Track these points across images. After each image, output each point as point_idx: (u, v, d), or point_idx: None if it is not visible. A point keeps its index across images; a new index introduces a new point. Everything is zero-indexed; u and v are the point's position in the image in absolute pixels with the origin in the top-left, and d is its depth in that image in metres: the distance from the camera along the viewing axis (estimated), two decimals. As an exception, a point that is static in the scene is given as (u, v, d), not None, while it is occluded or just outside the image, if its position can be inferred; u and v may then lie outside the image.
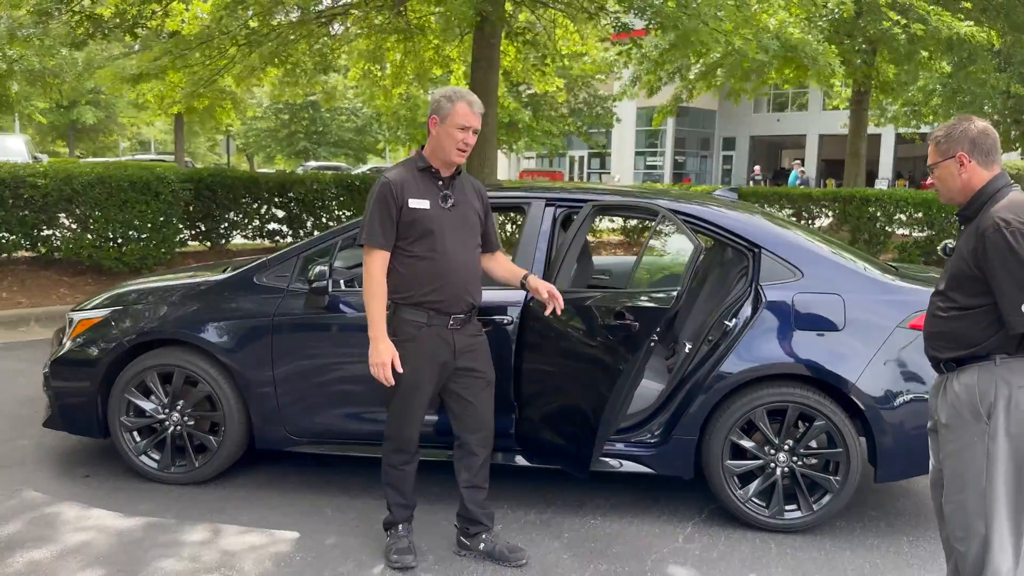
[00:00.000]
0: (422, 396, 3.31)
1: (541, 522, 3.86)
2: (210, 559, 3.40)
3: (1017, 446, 2.66)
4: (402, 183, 3.21)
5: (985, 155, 2.67)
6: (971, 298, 2.66)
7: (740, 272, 4.07)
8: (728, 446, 3.80)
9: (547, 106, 33.58)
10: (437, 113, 3.23)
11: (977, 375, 2.66)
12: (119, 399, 4.11)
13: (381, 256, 3.20)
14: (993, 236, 2.53)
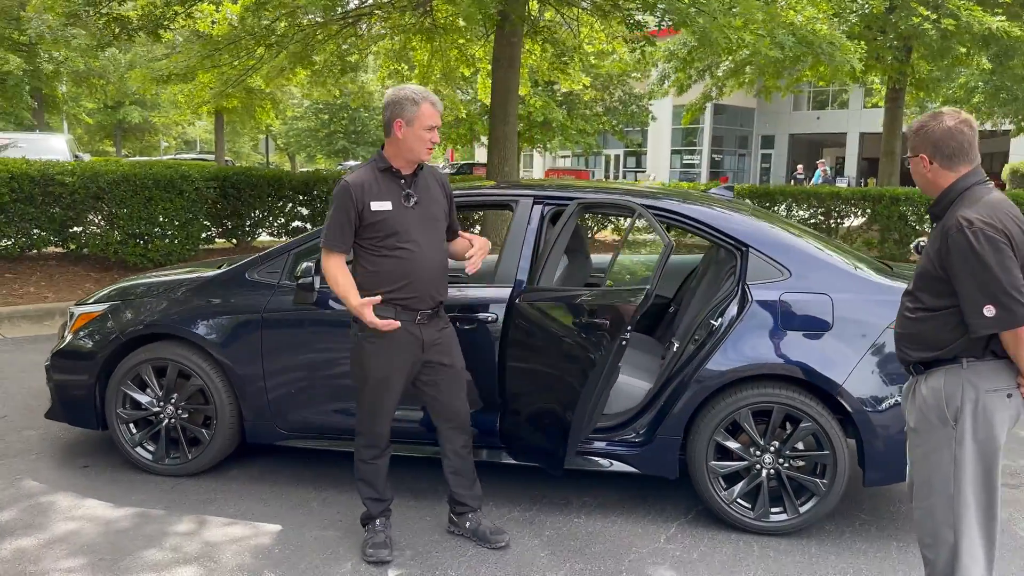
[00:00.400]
0: (392, 391, 3.36)
1: (524, 519, 3.86)
2: (191, 550, 3.46)
3: (984, 451, 2.60)
4: (362, 185, 3.24)
5: (947, 159, 2.60)
6: (937, 299, 2.60)
7: (729, 271, 4.03)
8: (712, 446, 3.77)
9: (581, 104, 33.53)
10: (401, 116, 3.23)
11: (944, 378, 2.61)
12: (116, 392, 4.20)
13: (337, 259, 3.27)
14: (956, 236, 2.47)
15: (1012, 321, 2.41)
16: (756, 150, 47.31)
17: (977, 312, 2.45)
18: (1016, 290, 2.40)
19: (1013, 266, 2.42)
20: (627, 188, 4.51)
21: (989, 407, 2.55)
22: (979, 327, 2.46)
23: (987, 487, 2.63)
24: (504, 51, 10.45)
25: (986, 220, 2.44)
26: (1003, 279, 2.39)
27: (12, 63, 23.31)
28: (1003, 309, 2.40)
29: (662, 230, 3.28)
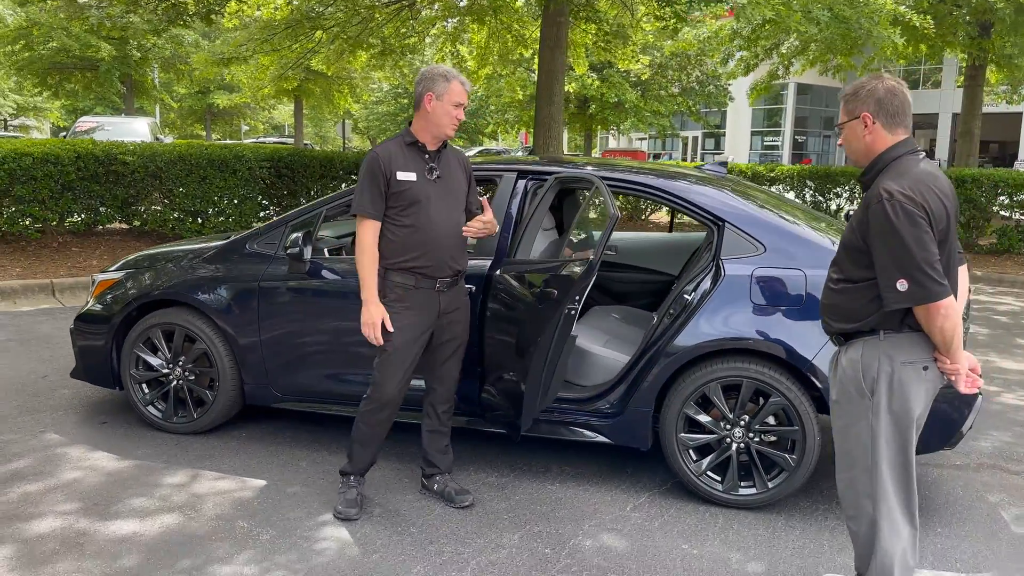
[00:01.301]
0: (408, 356, 3.50)
1: (498, 484, 3.98)
2: (178, 499, 3.71)
3: (899, 423, 2.60)
4: (390, 156, 3.43)
5: (891, 116, 2.55)
6: (858, 270, 2.58)
7: (707, 246, 4.04)
8: (683, 419, 3.81)
9: (656, 85, 33.08)
10: (432, 90, 3.43)
11: (862, 350, 2.61)
12: (130, 354, 4.50)
13: (372, 225, 3.43)
14: (876, 208, 2.44)
15: (923, 296, 2.38)
16: (842, 132, 45.75)
17: (890, 286, 2.43)
18: (929, 266, 2.37)
19: (929, 242, 2.38)
20: (610, 164, 4.54)
21: (904, 379, 2.54)
22: (892, 301, 2.44)
23: (903, 458, 2.63)
24: (551, 31, 10.49)
25: (907, 193, 2.39)
26: (917, 254, 2.36)
27: (103, 50, 24.52)
28: (915, 284, 2.38)
29: (612, 203, 3.33)
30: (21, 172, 8.70)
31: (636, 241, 5.59)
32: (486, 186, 4.40)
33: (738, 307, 3.74)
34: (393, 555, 3.28)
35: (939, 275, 2.38)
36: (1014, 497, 4.03)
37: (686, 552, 3.38)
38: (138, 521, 3.49)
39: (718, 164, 4.71)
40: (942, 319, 2.39)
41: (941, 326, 2.40)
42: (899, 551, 2.68)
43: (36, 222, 9.15)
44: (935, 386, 2.59)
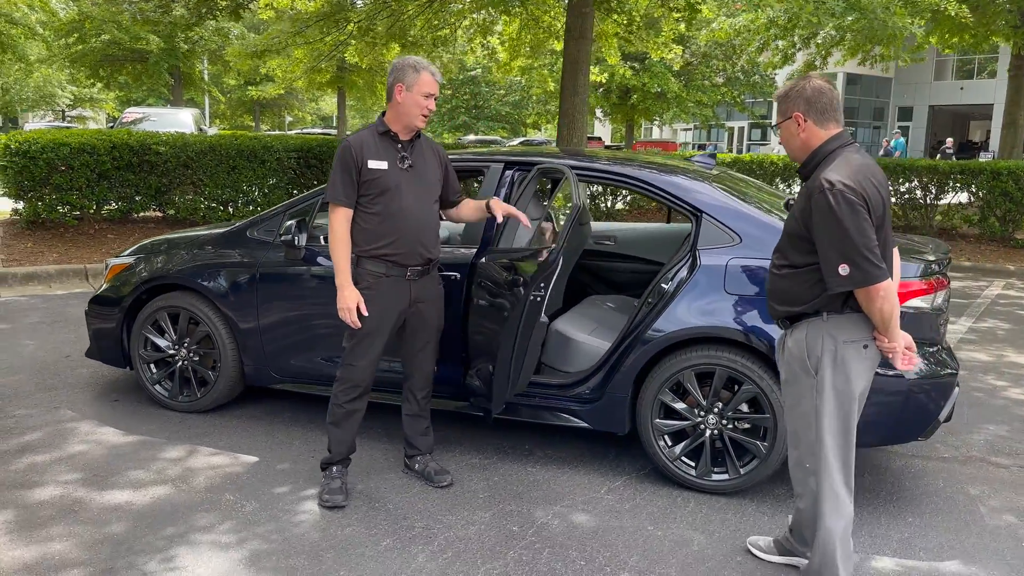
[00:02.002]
0: (378, 340, 3.60)
1: (481, 465, 4.11)
2: (172, 473, 3.91)
3: (842, 402, 2.71)
4: (361, 145, 3.51)
5: (820, 114, 2.70)
6: (802, 257, 2.71)
7: (687, 237, 4.11)
8: (658, 405, 3.89)
9: (699, 75, 32.78)
10: (402, 81, 3.50)
11: (807, 331, 2.74)
12: (138, 335, 4.73)
13: (344, 213, 3.51)
14: (818, 197, 2.57)
15: (863, 280, 2.53)
16: (892, 122, 44.86)
17: (833, 270, 2.56)
18: (869, 251, 2.51)
19: (868, 228, 2.53)
20: (595, 156, 4.62)
21: (846, 357, 2.68)
22: (834, 284, 2.58)
23: (844, 436, 2.75)
24: (575, 22, 10.54)
25: (846, 183, 2.53)
26: (857, 240, 2.50)
27: (152, 43, 25.18)
28: (856, 268, 2.52)
29: (577, 192, 3.41)
30: (59, 162, 9.06)
31: (634, 231, 5.66)
32: (474, 177, 4.50)
33: (712, 296, 3.80)
34: (365, 528, 3.43)
35: (878, 259, 2.53)
36: (996, 490, 4.03)
37: (650, 533, 3.47)
38: (132, 491, 3.70)
39: (707, 156, 4.76)
40: (881, 300, 2.55)
41: (880, 307, 2.56)
42: (840, 528, 2.79)
43: (74, 210, 9.53)
44: (874, 364, 2.75)
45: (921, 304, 3.70)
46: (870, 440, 3.76)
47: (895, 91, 43.94)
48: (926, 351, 3.74)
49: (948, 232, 12.77)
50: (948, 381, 3.75)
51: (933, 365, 3.72)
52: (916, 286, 3.68)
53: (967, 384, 5.75)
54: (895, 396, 3.65)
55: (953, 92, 42.10)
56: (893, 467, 4.28)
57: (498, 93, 46.33)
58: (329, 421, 3.73)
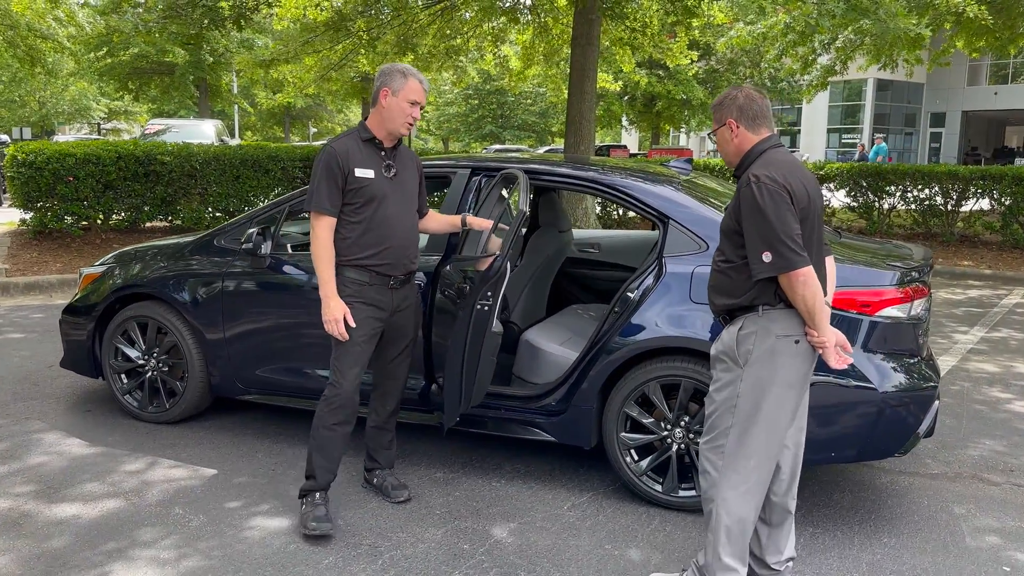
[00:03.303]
0: (366, 351, 3.45)
1: (444, 479, 4.00)
2: (128, 485, 3.85)
3: (762, 391, 2.74)
4: (347, 152, 3.36)
5: (751, 120, 2.81)
6: (736, 250, 2.77)
7: (654, 245, 3.97)
8: (623, 418, 3.75)
9: (725, 82, 32.46)
10: (389, 86, 3.37)
11: (742, 323, 2.77)
12: (109, 345, 4.69)
13: (328, 221, 3.35)
14: (744, 191, 2.67)
15: (784, 266, 2.59)
16: (925, 128, 44.07)
17: (757, 257, 2.65)
18: (789, 238, 2.58)
19: (790, 218, 2.60)
20: (559, 162, 4.49)
21: (777, 350, 2.71)
22: (758, 271, 2.64)
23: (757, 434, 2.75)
24: (582, 29, 10.43)
25: (771, 175, 2.63)
26: (778, 228, 2.58)
27: (178, 55, 25.54)
28: (777, 255, 2.59)
29: (525, 199, 3.30)
30: (64, 172, 9.13)
31: (618, 239, 5.52)
32: (440, 183, 4.40)
33: (677, 305, 3.66)
34: (310, 545, 3.32)
35: (798, 247, 2.58)
36: (983, 509, 3.82)
37: (607, 552, 3.33)
38: (81, 505, 3.64)
39: (683, 161, 4.61)
40: (801, 286, 2.60)
41: (802, 294, 2.60)
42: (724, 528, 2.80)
43: (80, 220, 9.59)
44: (808, 360, 2.76)
45: (897, 313, 3.53)
46: (846, 455, 3.59)
47: (927, 97, 43.15)
48: (905, 362, 3.56)
49: (970, 239, 12.43)
50: (928, 394, 3.57)
51: (912, 377, 3.54)
52: (891, 294, 3.51)
53: (971, 396, 5.52)
54: (870, 409, 3.48)
55: (987, 97, 41.24)
56: (877, 484, 4.09)
57: (524, 103, 46.39)
58: (313, 445, 3.46)
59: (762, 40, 16.24)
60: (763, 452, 2.78)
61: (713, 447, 2.85)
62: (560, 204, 5.21)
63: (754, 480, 2.79)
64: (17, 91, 41.25)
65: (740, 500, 2.79)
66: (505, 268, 3.27)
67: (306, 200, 3.41)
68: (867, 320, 3.50)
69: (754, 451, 2.77)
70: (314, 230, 3.36)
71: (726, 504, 2.79)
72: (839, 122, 43.57)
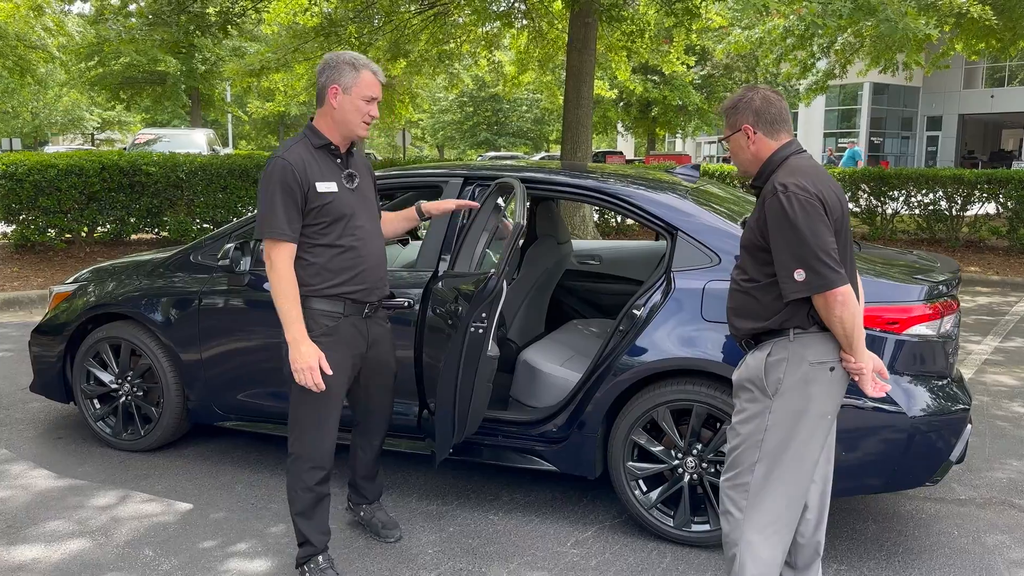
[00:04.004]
0: (341, 398, 3.03)
1: (437, 513, 3.71)
2: (95, 523, 3.55)
3: (795, 423, 2.47)
4: (304, 164, 2.87)
5: (770, 125, 2.55)
6: (761, 268, 2.51)
7: (660, 259, 3.70)
8: (630, 446, 3.47)
9: (721, 87, 32.29)
10: (338, 82, 2.88)
11: (771, 349, 2.50)
12: (80, 368, 4.40)
13: (288, 249, 2.85)
14: (771, 201, 2.41)
15: (820, 285, 2.34)
16: (921, 132, 43.90)
17: (788, 276, 2.38)
18: (825, 254, 2.34)
19: (825, 231, 2.36)
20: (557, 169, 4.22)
21: (810, 378, 2.45)
22: (790, 291, 2.39)
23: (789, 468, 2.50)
24: (578, 33, 10.18)
25: (800, 185, 2.36)
26: (812, 242, 2.33)
27: (170, 64, 25.25)
28: (812, 272, 2.34)
29: (521, 211, 3.02)
30: (46, 184, 8.85)
31: (620, 250, 5.25)
32: (431, 193, 4.11)
33: (688, 324, 3.38)
34: (290, 592, 3.04)
35: (835, 263, 2.35)
36: (1018, 540, 3.55)
37: (615, 597, 3.05)
38: (44, 547, 3.34)
39: (690, 167, 4.34)
40: (840, 307, 2.35)
41: (840, 315, 2.36)
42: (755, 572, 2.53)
43: (62, 233, 9.31)
44: (842, 388, 2.53)
45: (926, 331, 3.25)
46: (872, 485, 3.32)
47: (923, 100, 43.00)
48: (934, 384, 3.29)
49: (976, 244, 12.19)
50: (959, 417, 3.30)
51: (942, 400, 3.27)
52: (919, 311, 3.24)
53: (991, 412, 5.25)
54: (898, 435, 3.21)
55: (983, 100, 41.09)
56: (901, 512, 3.81)
57: (519, 109, 46.21)
58: (296, 511, 3.02)
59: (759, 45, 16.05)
60: (792, 490, 2.52)
61: (736, 485, 2.57)
62: (558, 214, 4.93)
63: (782, 521, 2.52)
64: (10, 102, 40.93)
65: (766, 544, 2.52)
66: (501, 287, 2.98)
67: (258, 226, 2.85)
68: (894, 339, 3.22)
69: (782, 489, 2.51)
70: (272, 262, 2.84)
71: (751, 548, 2.51)
72: (835, 126, 43.39)
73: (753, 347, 2.56)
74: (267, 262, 2.86)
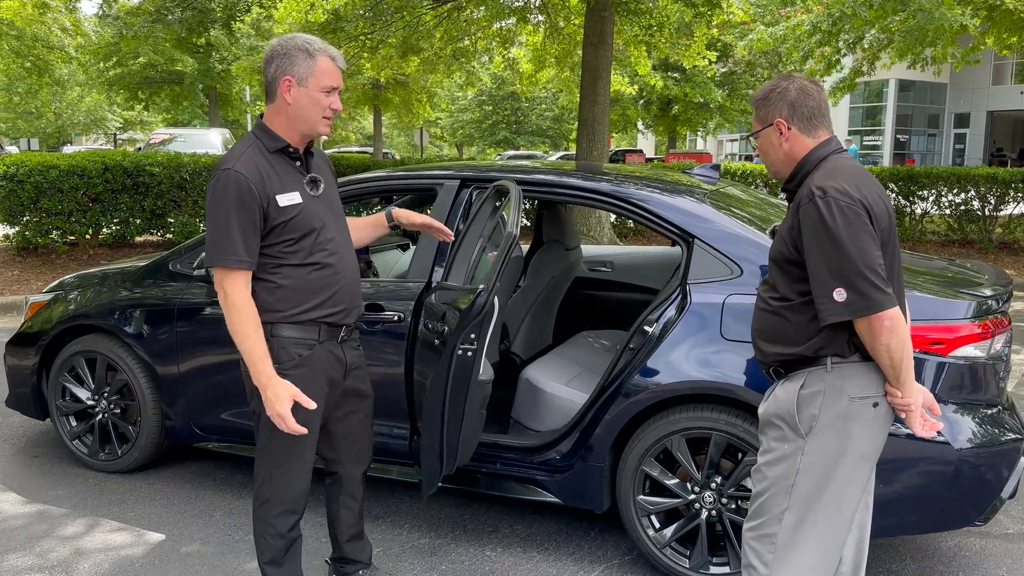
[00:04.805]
0: (315, 435, 2.65)
1: (430, 548, 3.39)
2: (57, 556, 3.27)
3: (829, 467, 2.13)
4: (261, 176, 2.44)
5: (807, 119, 2.20)
6: (793, 285, 2.16)
7: (676, 268, 3.36)
8: (640, 478, 3.13)
9: (743, 83, 31.77)
10: (291, 72, 2.45)
11: (804, 381, 2.14)
12: (55, 383, 4.12)
13: (244, 277, 2.45)
14: (806, 208, 2.05)
15: (864, 307, 2.01)
16: (948, 129, 43.04)
17: (826, 296, 2.04)
18: (870, 270, 2.00)
19: (870, 243, 2.02)
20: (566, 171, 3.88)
21: (850, 415, 2.10)
22: (829, 313, 2.04)
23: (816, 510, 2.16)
24: (594, 27, 9.84)
25: (841, 188, 2.03)
26: (855, 257, 2.00)
27: (187, 64, 25.12)
28: (854, 292, 2.01)
29: (515, 219, 2.69)
30: (47, 185, 8.63)
31: (634, 256, 4.91)
32: (425, 197, 3.80)
33: (706, 343, 3.03)
34: (259, 644, 2.73)
35: (882, 281, 2.02)
36: (1077, 584, 3.17)
37: (622, 652, 2.71)
38: (-4, 585, 3.06)
39: (709, 167, 3.98)
40: (887, 334, 2.01)
41: (887, 343, 2.03)
42: None
43: (66, 235, 9.09)
44: (885, 426, 2.19)
45: (975, 352, 2.89)
46: (912, 524, 2.97)
47: (950, 97, 42.17)
48: (983, 413, 2.92)
49: (1009, 246, 11.70)
50: (1012, 448, 2.93)
51: (992, 429, 2.90)
52: (967, 329, 2.87)
53: (1036, 432, 4.84)
54: (942, 469, 2.85)
55: (1013, 96, 40.16)
56: (943, 549, 3.44)
57: (539, 108, 45.85)
58: (265, 561, 2.69)
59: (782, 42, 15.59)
60: (826, 543, 2.18)
61: (761, 536, 2.23)
62: (567, 218, 4.59)
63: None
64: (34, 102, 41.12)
65: None
66: (492, 305, 2.65)
67: (208, 252, 2.44)
68: (938, 361, 2.86)
69: (815, 542, 2.17)
70: (225, 292, 2.44)
71: None
72: (860, 124, 42.65)
73: (783, 377, 2.22)
74: (219, 293, 2.46)
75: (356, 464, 2.89)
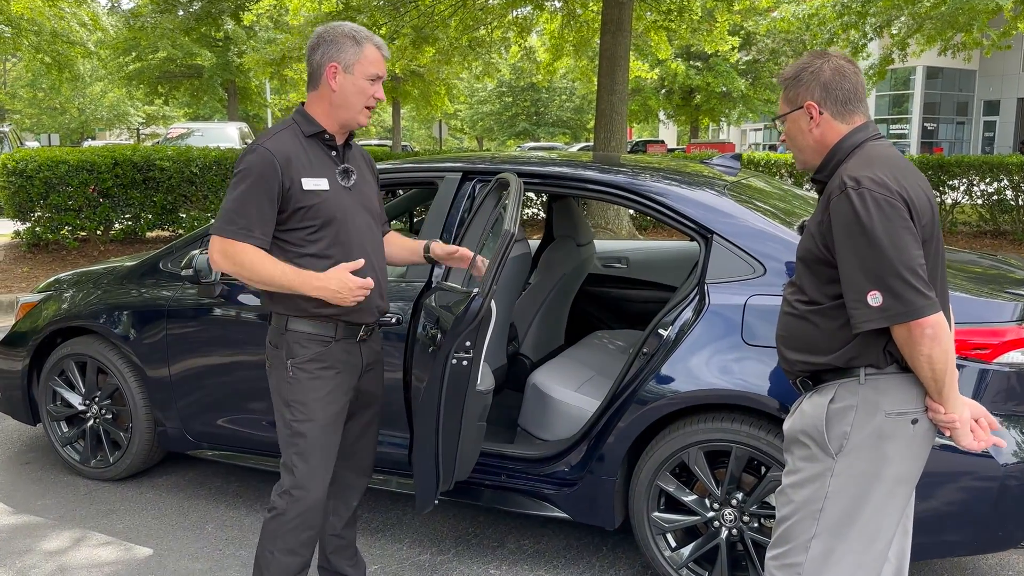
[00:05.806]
0: (336, 436, 2.52)
1: (431, 564, 3.18)
2: (37, 574, 3.10)
3: (864, 490, 1.90)
4: (288, 156, 2.36)
5: (841, 103, 1.96)
6: (823, 287, 1.93)
7: (694, 266, 3.12)
8: (655, 493, 2.91)
9: (767, 72, 31.28)
10: (337, 59, 2.38)
11: (835, 394, 1.91)
12: (45, 387, 3.96)
13: (253, 251, 2.33)
14: (838, 201, 1.83)
15: (903, 312, 1.79)
16: (978, 117, 42.16)
17: (860, 300, 1.82)
18: (910, 271, 1.78)
19: (910, 240, 1.80)
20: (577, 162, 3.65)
21: (886, 433, 1.87)
22: (862, 319, 1.82)
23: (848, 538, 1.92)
24: (612, 14, 9.56)
25: (877, 179, 1.81)
26: (893, 256, 1.78)
27: (206, 58, 25.09)
28: (891, 296, 1.79)
29: (513, 217, 2.46)
30: (56, 180, 8.52)
31: (650, 251, 4.66)
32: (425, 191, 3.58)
33: (726, 347, 2.79)
34: (242, 674, 2.54)
35: (923, 284, 1.80)
36: None
37: None
38: (-29, 605, 2.90)
39: (730, 157, 3.73)
40: (929, 343, 1.79)
41: (929, 353, 1.80)
42: None
43: (76, 231, 8.99)
44: (926, 444, 1.95)
45: (1022, 359, 2.63)
46: (952, 544, 2.73)
47: (979, 84, 41.27)
48: (1031, 423, 2.66)
49: (1045, 237, 11.30)
50: (1062, 463, 2.67)
51: (1040, 442, 2.64)
52: (1014, 333, 2.62)
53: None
54: (986, 485, 2.60)
55: (1045, 83, 39.32)
56: (982, 568, 3.19)
57: (559, 99, 45.54)
58: None
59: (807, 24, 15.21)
60: (859, 574, 1.94)
61: (785, 565, 1.99)
62: (579, 212, 4.35)
63: None
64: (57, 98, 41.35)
65: None
66: (489, 310, 2.43)
67: (218, 223, 2.36)
68: (980, 368, 2.61)
69: (846, 573, 1.93)
70: (233, 262, 2.33)
71: None
72: (887, 112, 41.90)
73: (811, 389, 1.99)
74: (224, 264, 2.34)
75: (353, 473, 2.74)
